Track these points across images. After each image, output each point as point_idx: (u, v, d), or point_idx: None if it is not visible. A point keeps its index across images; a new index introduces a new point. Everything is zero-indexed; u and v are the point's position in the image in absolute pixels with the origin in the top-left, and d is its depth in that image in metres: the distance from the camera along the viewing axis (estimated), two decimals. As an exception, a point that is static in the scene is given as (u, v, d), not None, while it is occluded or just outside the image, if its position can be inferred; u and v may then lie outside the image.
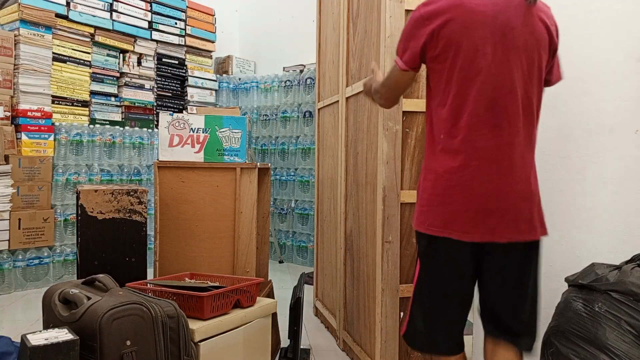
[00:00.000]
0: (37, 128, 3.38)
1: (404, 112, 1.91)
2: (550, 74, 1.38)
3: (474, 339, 1.88)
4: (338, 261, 2.48)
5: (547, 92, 1.85)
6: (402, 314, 1.93)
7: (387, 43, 1.85)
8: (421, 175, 1.36)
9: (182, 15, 4.39)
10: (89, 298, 1.35)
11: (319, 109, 2.98)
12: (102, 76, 3.88)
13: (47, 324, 1.45)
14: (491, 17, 1.20)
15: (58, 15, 3.53)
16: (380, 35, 1.90)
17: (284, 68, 4.55)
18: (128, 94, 4.04)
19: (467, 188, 1.23)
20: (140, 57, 4.14)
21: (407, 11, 1.87)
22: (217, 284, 1.78)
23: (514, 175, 1.25)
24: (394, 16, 1.84)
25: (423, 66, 1.36)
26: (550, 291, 1.79)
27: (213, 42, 4.68)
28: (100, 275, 1.48)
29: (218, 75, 4.73)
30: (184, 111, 4.40)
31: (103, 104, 3.89)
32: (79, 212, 1.87)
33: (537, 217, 1.30)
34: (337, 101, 2.54)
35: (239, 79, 4.73)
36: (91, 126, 3.73)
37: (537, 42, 1.26)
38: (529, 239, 1.28)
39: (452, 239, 1.25)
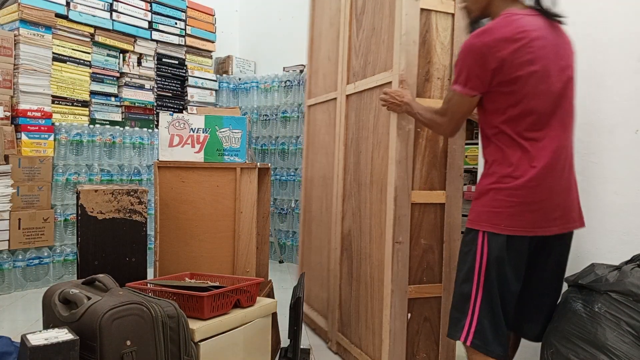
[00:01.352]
0: (37, 128, 3.38)
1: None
2: None
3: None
4: (332, 262, 2.42)
5: (547, 92, 1.85)
6: (409, 315, 1.92)
7: (402, 40, 1.81)
8: (487, 177, 1.42)
9: (182, 15, 4.39)
10: (89, 298, 1.35)
11: (309, 106, 2.88)
12: (102, 76, 3.88)
13: (47, 324, 1.45)
14: (547, 40, 1.35)
15: (58, 15, 3.52)
16: (395, 33, 1.87)
17: (284, 68, 4.54)
18: (128, 94, 4.04)
19: (547, 188, 1.35)
20: (140, 57, 4.14)
21: (423, 10, 1.85)
22: (217, 284, 1.78)
23: (573, 172, 1.43)
24: (409, 14, 1.81)
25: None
26: (550, 291, 1.79)
27: (213, 42, 4.68)
28: (100, 275, 1.48)
29: (218, 75, 4.73)
30: (184, 111, 4.40)
31: (103, 104, 3.89)
32: (79, 212, 1.87)
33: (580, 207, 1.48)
34: (335, 99, 2.48)
35: (239, 79, 4.73)
36: (91, 126, 3.73)
37: (571, 56, 1.43)
38: (579, 227, 1.46)
39: (526, 236, 1.36)
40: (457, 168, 1.92)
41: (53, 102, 3.53)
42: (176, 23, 4.34)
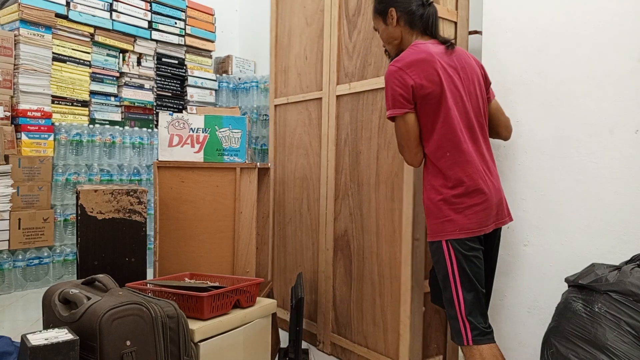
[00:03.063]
0: (37, 128, 3.38)
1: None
2: (489, 94, 1.73)
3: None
4: (322, 263, 2.40)
5: (547, 92, 1.86)
6: (423, 308, 2.00)
7: None
8: (430, 193, 1.56)
9: (182, 15, 4.39)
10: (88, 298, 1.35)
11: (276, 106, 2.81)
12: (102, 76, 3.88)
13: (47, 324, 1.45)
14: (449, 60, 1.55)
15: (58, 15, 3.52)
16: None
17: (283, 68, 4.54)
18: (128, 93, 4.03)
19: (480, 189, 1.51)
20: (140, 56, 4.14)
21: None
22: (217, 284, 1.78)
23: (495, 173, 1.61)
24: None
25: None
26: (550, 291, 1.79)
27: (213, 41, 4.68)
28: (100, 275, 1.48)
29: (218, 75, 4.73)
30: (183, 111, 4.40)
31: (103, 103, 3.89)
32: (79, 212, 1.87)
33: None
34: (319, 98, 2.46)
35: (239, 78, 4.73)
36: (91, 126, 3.73)
37: (476, 72, 1.64)
38: (509, 221, 1.65)
39: (477, 235, 1.51)
40: None
41: (53, 102, 3.53)
42: (176, 23, 4.34)
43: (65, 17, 3.59)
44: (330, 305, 2.34)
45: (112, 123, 3.93)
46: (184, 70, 4.44)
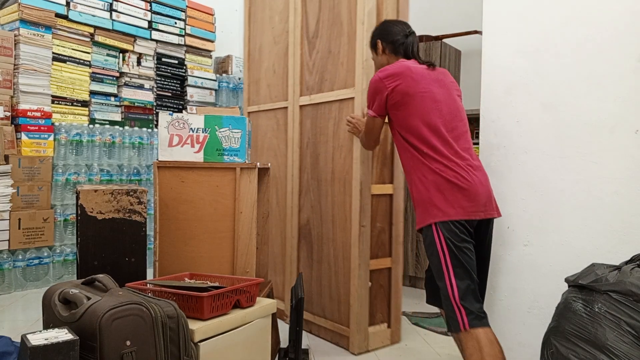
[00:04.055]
0: (37, 128, 3.38)
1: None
2: None
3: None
4: (288, 249, 2.77)
5: (548, 92, 1.86)
6: (370, 283, 2.36)
7: (364, 65, 2.29)
8: (417, 186, 1.72)
9: (182, 15, 4.39)
10: (88, 298, 1.35)
11: (249, 112, 3.14)
12: (102, 76, 3.88)
13: (47, 324, 1.45)
14: (427, 73, 1.79)
15: (58, 15, 3.52)
16: (357, 59, 2.32)
17: (283, 68, 4.54)
18: (128, 93, 4.03)
19: (461, 178, 1.65)
20: (139, 56, 4.14)
21: None
22: (216, 284, 1.78)
23: (481, 170, 1.74)
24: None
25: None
26: (550, 291, 1.80)
27: (213, 41, 4.68)
28: (100, 275, 1.48)
29: (218, 75, 4.73)
30: (183, 111, 4.40)
31: (103, 103, 3.89)
32: (79, 212, 1.87)
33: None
34: (285, 107, 2.80)
35: (239, 78, 4.73)
36: (91, 126, 3.73)
37: (456, 88, 1.87)
38: (497, 216, 1.76)
39: (464, 222, 1.62)
40: (401, 166, 2.18)
41: (53, 102, 3.53)
42: (176, 23, 4.34)
43: (65, 17, 3.59)
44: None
45: (112, 123, 3.93)
46: (184, 70, 4.44)
